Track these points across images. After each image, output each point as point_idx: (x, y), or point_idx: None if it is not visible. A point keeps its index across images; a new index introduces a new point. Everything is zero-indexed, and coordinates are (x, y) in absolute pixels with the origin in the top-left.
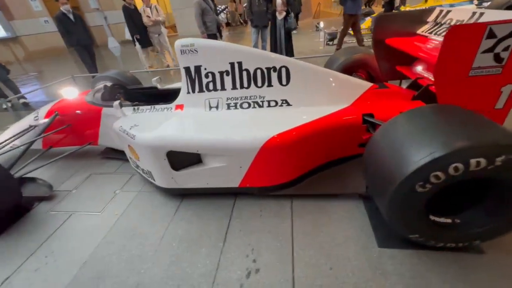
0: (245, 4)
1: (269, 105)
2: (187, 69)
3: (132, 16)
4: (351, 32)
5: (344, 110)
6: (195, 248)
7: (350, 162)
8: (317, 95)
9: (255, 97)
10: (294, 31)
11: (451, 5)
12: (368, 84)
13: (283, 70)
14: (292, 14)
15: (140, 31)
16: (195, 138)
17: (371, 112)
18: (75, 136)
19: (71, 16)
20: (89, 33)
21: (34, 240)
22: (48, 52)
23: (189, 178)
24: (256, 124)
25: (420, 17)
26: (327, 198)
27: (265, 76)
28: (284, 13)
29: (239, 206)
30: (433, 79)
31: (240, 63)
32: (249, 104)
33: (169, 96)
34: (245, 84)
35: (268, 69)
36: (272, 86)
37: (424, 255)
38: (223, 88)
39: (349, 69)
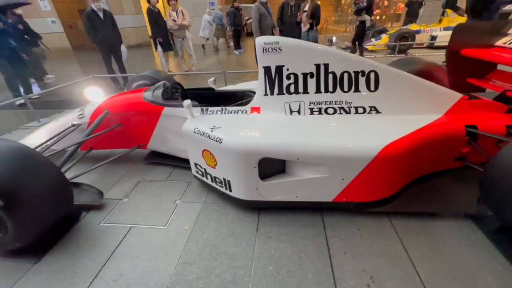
0: (246, 18)
1: (356, 112)
2: (267, 69)
3: (156, 19)
4: (370, 47)
5: (440, 120)
6: (300, 274)
7: (442, 177)
8: (408, 103)
9: (341, 102)
10: None
11: None
12: (458, 94)
13: (372, 75)
14: (316, 28)
15: (163, 35)
16: (296, 145)
17: (472, 123)
18: (124, 137)
19: (100, 14)
20: (118, 33)
21: (94, 259)
22: (52, 53)
23: (276, 190)
24: (355, 132)
25: (499, 28)
26: (428, 216)
27: (352, 80)
28: (308, 26)
29: (329, 223)
30: None
31: (326, 65)
32: (335, 110)
33: (226, 98)
34: (330, 88)
35: (356, 73)
36: (359, 91)
37: None
38: (305, 91)
39: None
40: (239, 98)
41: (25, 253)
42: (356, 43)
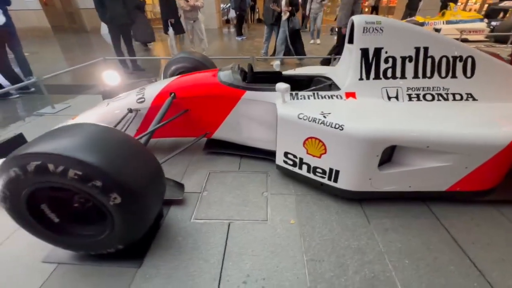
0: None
1: (454, 99)
2: (365, 51)
3: None
4: None
5: None
6: (440, 267)
7: None
8: (502, 90)
9: (439, 88)
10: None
11: (466, 21)
12: None
13: (469, 60)
14: (296, 16)
15: (175, 16)
16: (430, 132)
17: None
18: (189, 124)
19: None
20: (128, 11)
21: (205, 259)
22: (29, 32)
23: (390, 180)
24: (473, 119)
25: None
26: None
27: (450, 66)
28: (288, 14)
29: (439, 213)
30: None
31: (426, 49)
32: (433, 96)
33: (295, 82)
34: (428, 73)
35: (455, 58)
36: (456, 77)
37: None
38: (403, 76)
39: None
40: (307, 83)
41: (119, 255)
42: None
